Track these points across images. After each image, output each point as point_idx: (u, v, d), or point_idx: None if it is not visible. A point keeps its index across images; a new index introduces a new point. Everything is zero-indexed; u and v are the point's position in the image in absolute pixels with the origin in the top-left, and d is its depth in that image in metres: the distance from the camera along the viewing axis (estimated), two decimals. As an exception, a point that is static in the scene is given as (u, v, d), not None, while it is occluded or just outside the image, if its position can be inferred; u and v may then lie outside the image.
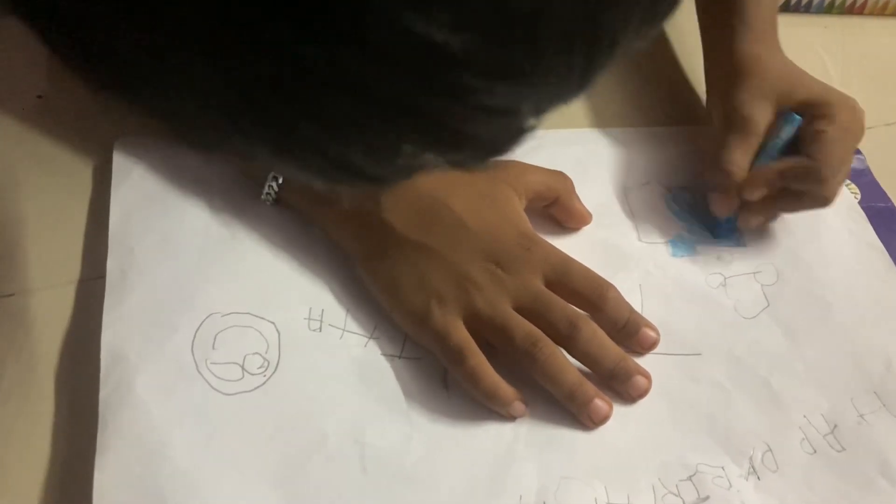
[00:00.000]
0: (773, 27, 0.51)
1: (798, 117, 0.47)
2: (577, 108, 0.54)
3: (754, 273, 0.48)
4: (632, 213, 0.50)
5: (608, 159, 0.52)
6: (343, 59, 0.16)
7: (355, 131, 0.18)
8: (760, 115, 0.47)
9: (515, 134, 0.19)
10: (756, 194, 0.46)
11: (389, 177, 0.20)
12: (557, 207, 0.48)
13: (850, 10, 0.65)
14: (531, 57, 0.17)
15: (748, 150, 0.47)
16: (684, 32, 0.58)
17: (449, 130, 0.18)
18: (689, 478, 0.40)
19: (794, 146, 0.47)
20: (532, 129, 0.19)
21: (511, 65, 0.17)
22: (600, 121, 0.54)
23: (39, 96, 0.50)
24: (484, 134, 0.18)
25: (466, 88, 0.17)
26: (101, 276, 0.42)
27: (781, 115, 0.47)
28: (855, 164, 0.55)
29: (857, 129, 0.47)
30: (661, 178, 0.51)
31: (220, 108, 0.17)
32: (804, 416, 0.42)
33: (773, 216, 0.49)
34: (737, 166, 0.47)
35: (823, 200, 0.47)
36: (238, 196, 0.46)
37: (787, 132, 0.47)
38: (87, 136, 0.48)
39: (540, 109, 0.19)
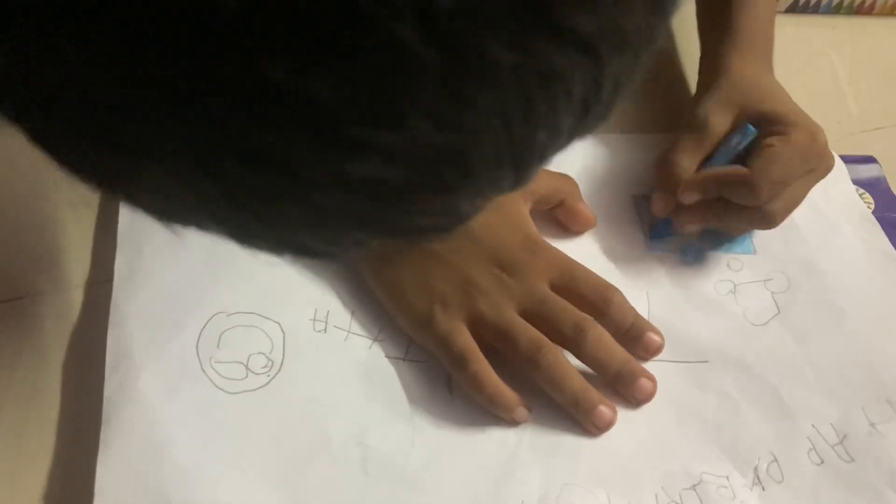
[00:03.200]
0: (764, 42, 0.50)
1: (753, 129, 0.45)
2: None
3: (765, 281, 0.48)
4: (640, 219, 0.49)
5: (617, 165, 0.52)
6: (291, 189, 0.17)
7: (305, 229, 0.19)
8: (718, 120, 0.46)
9: (457, 221, 0.21)
10: (689, 197, 0.45)
11: (342, 253, 0.22)
12: (562, 210, 0.47)
13: (859, 11, 0.64)
14: (462, 178, 0.18)
15: (696, 152, 0.46)
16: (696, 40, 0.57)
17: (394, 226, 0.20)
18: (693, 487, 0.39)
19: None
20: (473, 214, 0.21)
21: (445, 184, 0.18)
22: (608, 126, 0.54)
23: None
24: (427, 225, 0.20)
25: (406, 201, 0.18)
26: (109, 279, 0.43)
27: (738, 125, 0.46)
28: (871, 171, 0.54)
29: (812, 156, 0.44)
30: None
31: (184, 208, 0.19)
32: (812, 426, 0.42)
33: (710, 224, 0.47)
34: (679, 166, 0.46)
35: (763, 219, 0.45)
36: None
37: (736, 140, 0.46)
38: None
39: (477, 204, 0.20)
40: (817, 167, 0.45)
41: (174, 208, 0.20)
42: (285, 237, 0.20)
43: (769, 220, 0.45)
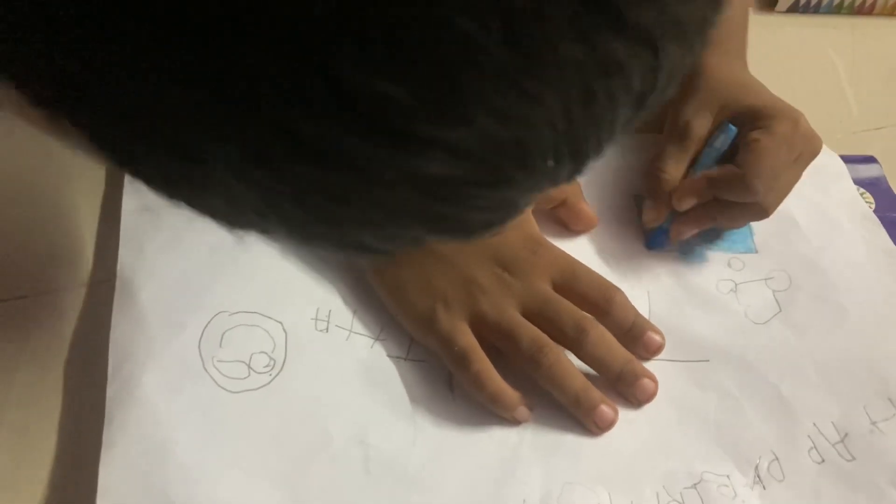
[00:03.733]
0: (738, 39, 0.50)
1: (733, 127, 0.46)
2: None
3: (766, 279, 0.48)
4: (641, 219, 0.49)
5: (618, 164, 0.52)
6: (359, 189, 0.18)
7: (369, 228, 0.20)
8: (699, 123, 0.46)
9: (512, 215, 0.21)
10: (684, 203, 0.45)
11: (398, 250, 0.22)
12: (564, 209, 0.47)
13: (860, 11, 0.64)
14: (522, 172, 0.18)
15: (682, 158, 0.46)
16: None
17: (452, 222, 0.20)
18: (694, 486, 0.39)
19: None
20: (527, 207, 0.21)
21: (506, 178, 0.18)
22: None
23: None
24: (483, 220, 0.20)
25: (467, 196, 0.18)
26: (112, 278, 0.43)
27: (718, 126, 0.46)
28: (871, 171, 0.54)
29: (797, 142, 0.45)
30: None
31: (250, 211, 0.19)
32: (814, 424, 0.42)
33: (707, 226, 0.47)
34: (668, 174, 0.46)
35: (758, 212, 0.45)
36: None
37: (720, 141, 0.46)
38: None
39: (532, 198, 0.20)
40: (804, 151, 0.45)
41: (239, 210, 0.20)
42: (347, 236, 0.20)
43: (763, 212, 0.45)
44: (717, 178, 0.45)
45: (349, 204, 0.18)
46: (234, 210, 0.20)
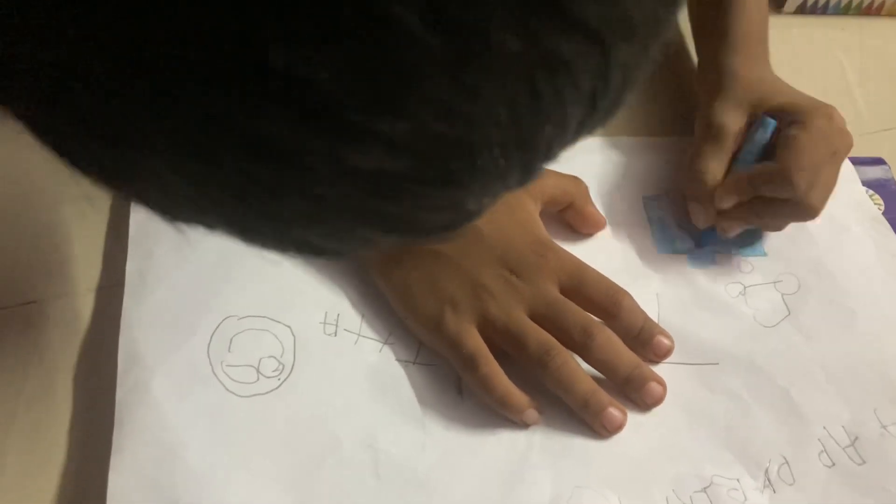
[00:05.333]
0: (760, 41, 0.51)
1: (772, 121, 0.46)
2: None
3: (775, 282, 0.48)
4: (650, 221, 0.49)
5: (626, 168, 0.52)
6: (294, 181, 0.17)
7: (311, 225, 0.19)
8: (732, 121, 0.47)
9: (465, 218, 0.20)
10: (727, 202, 0.45)
11: (350, 252, 0.21)
12: (572, 212, 0.47)
13: (867, 12, 0.64)
14: (469, 171, 0.17)
15: (721, 157, 0.46)
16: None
17: (400, 222, 0.19)
18: (704, 489, 0.39)
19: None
20: (480, 211, 0.20)
21: (451, 176, 0.17)
22: (618, 129, 0.54)
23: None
24: (434, 222, 0.19)
25: (411, 194, 0.18)
26: (120, 283, 0.43)
27: (756, 121, 0.47)
28: (880, 173, 0.54)
29: (833, 137, 0.45)
30: (681, 188, 0.51)
31: (187, 203, 0.19)
32: (824, 428, 0.42)
33: (752, 224, 0.47)
34: (710, 175, 0.46)
35: (804, 210, 0.44)
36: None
37: (760, 136, 0.46)
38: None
39: (484, 201, 0.20)
40: (840, 147, 0.46)
41: (176, 203, 0.19)
42: (289, 233, 0.19)
43: (811, 211, 0.45)
44: (756, 176, 0.45)
45: (287, 198, 0.17)
46: (170, 202, 0.19)
